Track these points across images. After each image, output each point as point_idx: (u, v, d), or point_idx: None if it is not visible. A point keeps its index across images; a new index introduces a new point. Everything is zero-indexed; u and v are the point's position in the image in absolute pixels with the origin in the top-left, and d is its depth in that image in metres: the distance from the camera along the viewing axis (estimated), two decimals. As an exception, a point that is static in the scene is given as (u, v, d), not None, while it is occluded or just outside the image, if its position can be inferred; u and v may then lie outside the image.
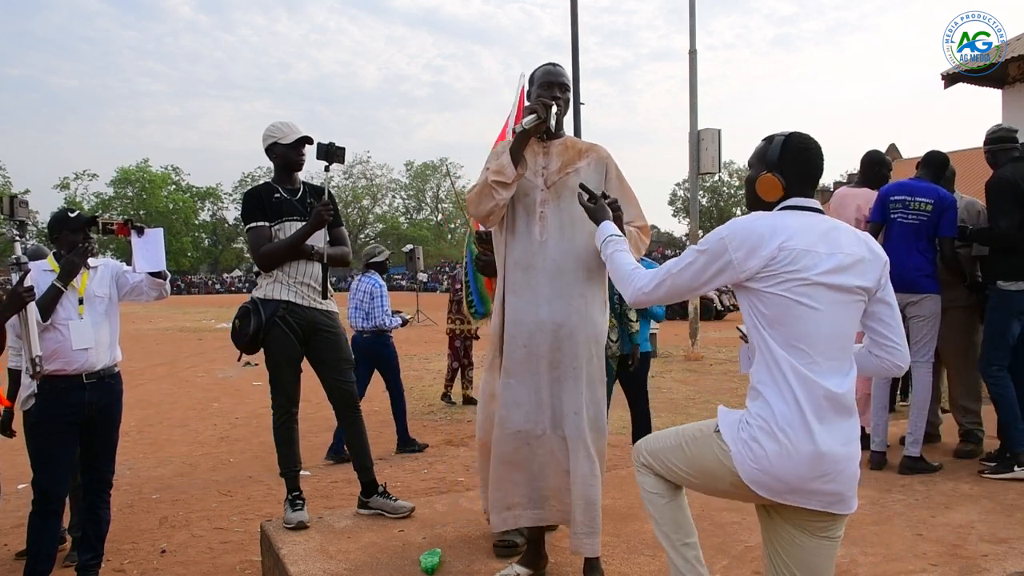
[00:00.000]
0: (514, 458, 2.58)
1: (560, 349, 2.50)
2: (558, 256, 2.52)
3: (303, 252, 3.33)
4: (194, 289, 56.45)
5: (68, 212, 3.30)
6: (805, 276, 1.80)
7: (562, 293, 2.50)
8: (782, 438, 1.77)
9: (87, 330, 3.16)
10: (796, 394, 1.79)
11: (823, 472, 1.77)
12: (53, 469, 3.12)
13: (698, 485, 2.00)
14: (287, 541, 3.11)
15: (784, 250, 1.80)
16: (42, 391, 3.12)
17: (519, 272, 2.56)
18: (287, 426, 3.41)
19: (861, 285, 1.87)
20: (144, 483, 5.39)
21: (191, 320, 24.33)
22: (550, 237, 2.52)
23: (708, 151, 11.91)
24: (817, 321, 1.81)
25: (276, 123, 3.44)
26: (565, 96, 2.64)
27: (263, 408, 7.18)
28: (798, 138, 1.99)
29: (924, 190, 4.07)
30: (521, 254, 2.56)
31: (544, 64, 2.71)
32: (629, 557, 2.91)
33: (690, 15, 12.56)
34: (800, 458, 1.76)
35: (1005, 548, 2.94)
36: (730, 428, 1.88)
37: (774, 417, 1.80)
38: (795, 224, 1.85)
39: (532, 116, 2.44)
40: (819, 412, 1.79)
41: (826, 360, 1.82)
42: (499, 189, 2.47)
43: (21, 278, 2.88)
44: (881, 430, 4.16)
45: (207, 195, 66.52)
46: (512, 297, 2.57)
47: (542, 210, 2.55)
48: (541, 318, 2.51)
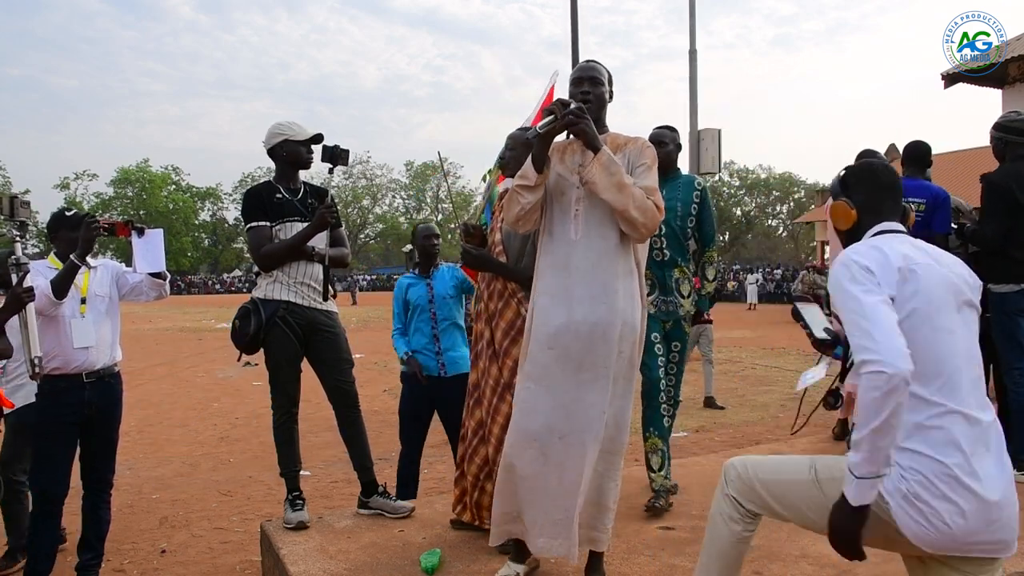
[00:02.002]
0: (523, 467, 2.50)
1: (593, 351, 2.45)
2: (593, 255, 2.47)
3: (304, 253, 3.33)
4: (194, 289, 56.43)
5: (66, 211, 3.31)
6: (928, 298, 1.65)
7: (596, 292, 2.45)
8: (948, 492, 1.59)
9: (89, 329, 3.17)
10: (949, 436, 1.61)
11: (992, 522, 1.62)
12: (52, 469, 3.12)
13: (819, 527, 1.76)
14: (287, 541, 3.11)
15: (902, 272, 1.66)
16: (42, 391, 3.12)
17: (553, 273, 2.52)
18: (287, 426, 3.40)
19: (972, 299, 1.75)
20: (144, 483, 5.39)
21: (191, 320, 24.33)
22: (585, 235, 2.48)
23: (708, 151, 11.90)
24: (953, 345, 1.65)
25: (284, 121, 3.42)
26: (597, 91, 2.57)
27: (263, 408, 7.18)
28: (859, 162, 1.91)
29: (916, 189, 4.03)
30: (556, 255, 2.51)
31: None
32: (629, 557, 2.91)
33: (690, 15, 12.55)
34: (971, 515, 1.59)
35: (1005, 548, 2.94)
36: (888, 479, 1.64)
37: (932, 468, 1.60)
38: (899, 247, 1.73)
39: (549, 118, 2.40)
40: (975, 453, 1.61)
41: (972, 390, 1.66)
42: (524, 193, 2.46)
43: (21, 278, 2.88)
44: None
45: (207, 195, 66.51)
46: (545, 299, 2.52)
47: (577, 208, 2.50)
48: (575, 319, 2.45)
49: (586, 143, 2.43)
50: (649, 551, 2.96)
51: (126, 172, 60.45)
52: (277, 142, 3.39)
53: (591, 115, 2.44)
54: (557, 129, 2.42)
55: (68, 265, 3.07)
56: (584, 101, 2.51)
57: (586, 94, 2.54)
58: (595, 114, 2.51)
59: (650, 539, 3.10)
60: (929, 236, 3.99)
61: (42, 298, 2.98)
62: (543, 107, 4.35)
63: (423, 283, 4.01)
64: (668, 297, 3.59)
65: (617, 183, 2.36)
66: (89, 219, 3.13)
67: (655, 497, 3.41)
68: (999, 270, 3.87)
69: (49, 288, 3.01)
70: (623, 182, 2.36)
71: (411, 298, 3.99)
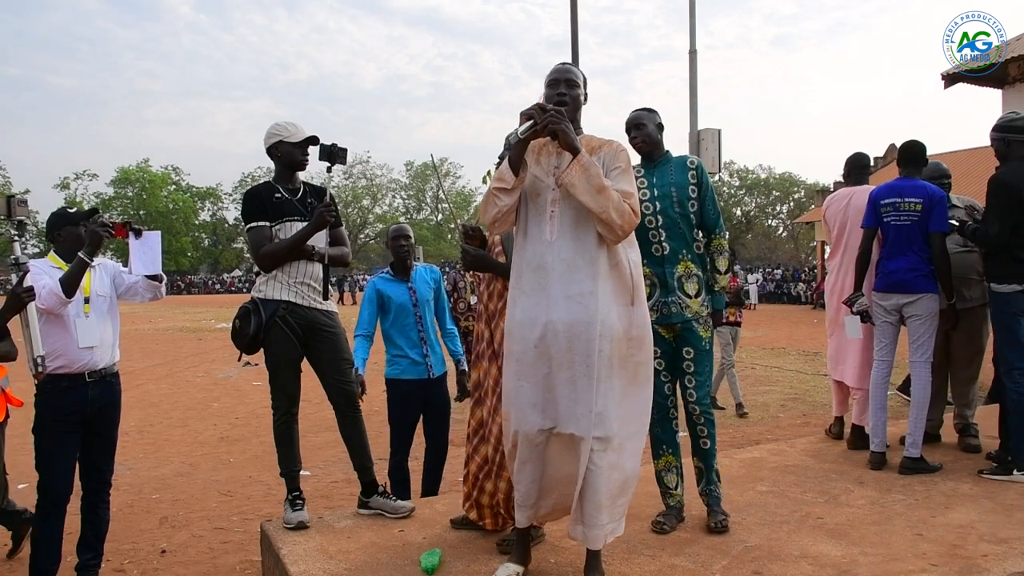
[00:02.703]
0: (533, 457, 2.60)
1: (572, 349, 2.49)
2: (568, 255, 2.51)
3: (303, 252, 3.33)
4: (194, 289, 56.42)
5: (67, 209, 3.30)
6: None
7: (572, 293, 2.48)
8: None
9: (93, 328, 3.16)
10: None
11: None
12: (56, 468, 3.12)
13: None
14: (287, 541, 3.11)
15: None
16: (44, 390, 3.12)
17: (530, 273, 2.56)
18: (287, 426, 3.40)
19: None
20: (144, 483, 5.39)
21: (191, 320, 24.32)
22: (560, 236, 2.52)
23: (708, 151, 11.90)
24: None
25: (281, 122, 3.43)
26: (572, 93, 2.61)
27: (263, 408, 7.18)
28: None
29: (912, 189, 4.06)
30: (532, 255, 2.56)
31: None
32: (629, 557, 2.91)
33: (690, 15, 12.55)
34: None
35: (1005, 548, 2.94)
36: None
37: None
38: None
39: (529, 123, 2.44)
40: None
41: None
42: (501, 195, 2.50)
43: (20, 279, 2.88)
44: (880, 430, 4.16)
45: (207, 195, 66.45)
46: (524, 298, 2.57)
47: (552, 209, 2.54)
48: (553, 318, 2.50)
49: (564, 145, 2.46)
50: (649, 551, 2.96)
51: (126, 172, 60.41)
52: (273, 143, 3.41)
53: (567, 116, 2.48)
54: (538, 132, 2.46)
55: (78, 262, 3.04)
56: (560, 103, 2.56)
57: (562, 96, 2.59)
58: (571, 115, 2.57)
59: (650, 539, 3.10)
60: (927, 235, 4.01)
61: (52, 297, 2.96)
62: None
63: (404, 285, 3.95)
64: (670, 297, 3.21)
65: (596, 186, 2.40)
66: (98, 216, 3.12)
67: (665, 517, 3.24)
68: (1003, 270, 3.88)
69: (59, 287, 2.99)
70: (602, 185, 2.40)
71: (392, 300, 3.91)
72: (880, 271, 4.18)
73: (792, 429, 6.91)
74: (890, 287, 4.09)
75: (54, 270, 3.12)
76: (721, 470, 4.07)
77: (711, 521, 3.20)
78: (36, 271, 3.02)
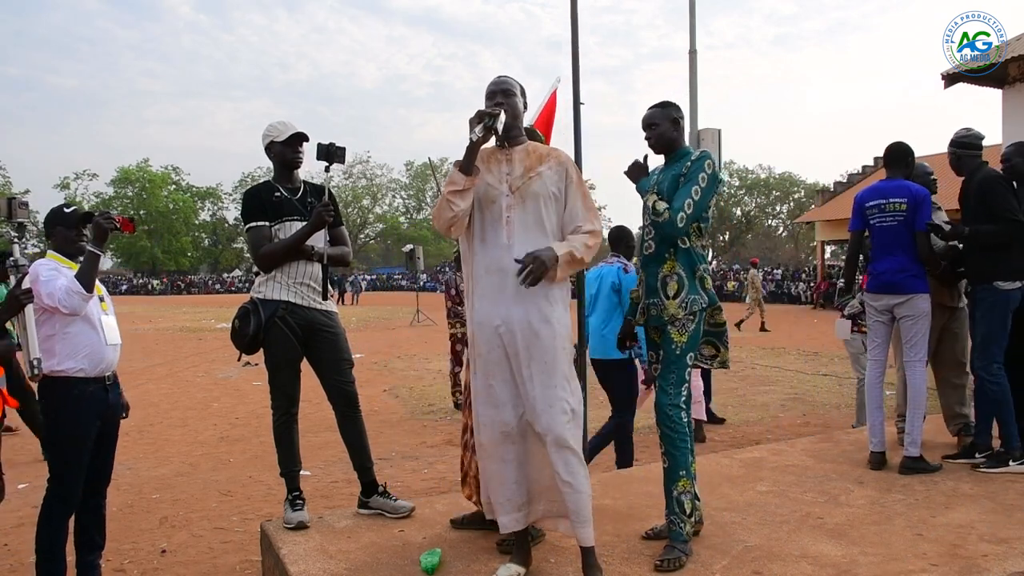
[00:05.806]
0: (509, 457, 2.70)
1: (530, 347, 2.61)
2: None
3: (303, 252, 3.33)
4: (194, 289, 56.41)
5: (64, 208, 3.18)
6: None
7: (527, 294, 2.60)
8: None
9: (114, 325, 3.12)
10: None
11: None
12: (76, 477, 3.03)
13: None
14: (287, 541, 3.12)
15: None
16: (62, 399, 2.98)
17: (489, 277, 2.67)
18: (287, 426, 3.40)
19: None
20: (144, 483, 5.39)
21: (191, 320, 24.32)
22: (516, 241, 2.64)
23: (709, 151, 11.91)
24: None
25: (273, 122, 3.45)
26: (510, 102, 2.74)
27: (263, 408, 7.18)
28: None
29: (895, 189, 4.07)
30: (491, 259, 2.67)
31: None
32: (629, 557, 2.91)
33: (690, 15, 12.52)
34: None
35: (1005, 548, 2.95)
36: None
37: None
38: None
39: (480, 126, 2.55)
40: None
41: None
42: (456, 199, 2.60)
43: (19, 280, 2.87)
44: (878, 430, 4.16)
45: (207, 195, 66.48)
46: (483, 301, 2.68)
47: (508, 215, 2.67)
48: (512, 318, 2.62)
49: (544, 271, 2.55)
50: (649, 551, 2.95)
51: (126, 172, 60.42)
52: (266, 144, 3.44)
53: (510, 123, 2.68)
54: (489, 136, 2.61)
55: (90, 256, 2.94)
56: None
57: (500, 104, 2.72)
58: (510, 121, 2.70)
59: (650, 539, 3.09)
60: (913, 234, 4.02)
61: (74, 297, 2.85)
62: (544, 111, 4.40)
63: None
64: (651, 299, 3.00)
65: (577, 261, 2.64)
66: (103, 212, 3.07)
67: (670, 547, 2.87)
68: (1005, 268, 3.94)
69: (76, 283, 2.87)
70: (575, 257, 2.62)
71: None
72: (869, 272, 4.21)
73: (792, 429, 6.91)
74: (880, 288, 4.11)
75: (63, 269, 3.06)
76: (721, 470, 4.06)
77: (657, 558, 2.83)
78: (47, 274, 2.90)
